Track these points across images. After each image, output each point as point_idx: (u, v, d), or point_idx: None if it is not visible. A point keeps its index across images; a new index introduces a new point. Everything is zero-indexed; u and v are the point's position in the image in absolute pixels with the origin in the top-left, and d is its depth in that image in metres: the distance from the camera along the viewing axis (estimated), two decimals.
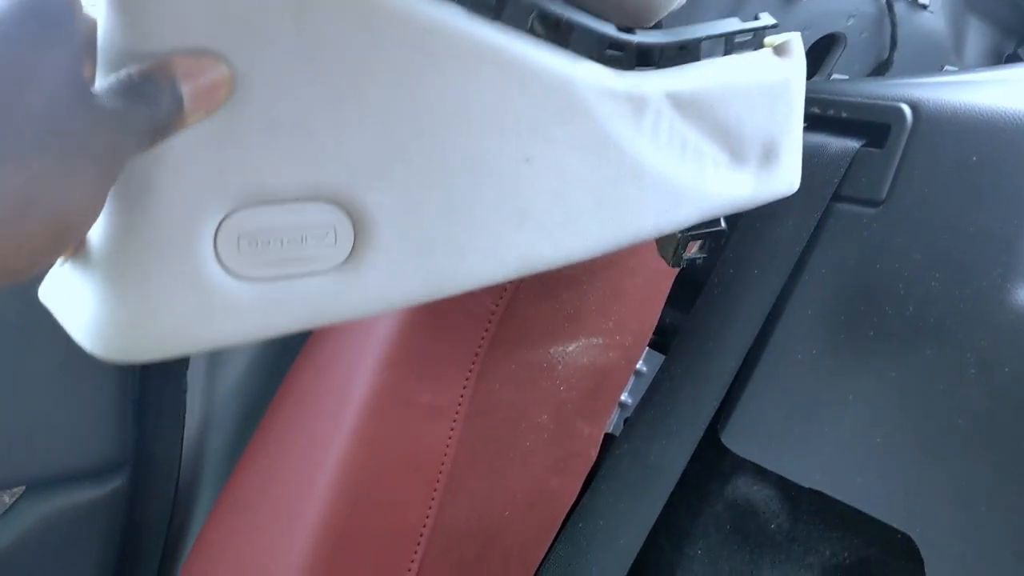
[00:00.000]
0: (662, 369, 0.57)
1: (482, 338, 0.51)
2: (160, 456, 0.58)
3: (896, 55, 0.74)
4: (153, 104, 0.24)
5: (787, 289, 0.53)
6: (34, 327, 0.51)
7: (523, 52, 0.32)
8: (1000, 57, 0.88)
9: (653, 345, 0.60)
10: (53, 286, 0.31)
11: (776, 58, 0.41)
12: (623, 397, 0.59)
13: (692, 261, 0.45)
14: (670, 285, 0.55)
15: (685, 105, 0.38)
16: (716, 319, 0.55)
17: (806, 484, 0.48)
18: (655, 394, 0.57)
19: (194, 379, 0.60)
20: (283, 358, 0.58)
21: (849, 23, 0.69)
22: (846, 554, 0.48)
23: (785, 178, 0.43)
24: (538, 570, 0.56)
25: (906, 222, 0.49)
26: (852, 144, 0.53)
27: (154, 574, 0.59)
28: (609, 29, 0.35)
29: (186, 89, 0.25)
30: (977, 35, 0.83)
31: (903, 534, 0.44)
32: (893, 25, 0.72)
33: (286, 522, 0.52)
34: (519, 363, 0.53)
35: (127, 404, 0.56)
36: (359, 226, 0.30)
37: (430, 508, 0.52)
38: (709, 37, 0.39)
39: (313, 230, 0.30)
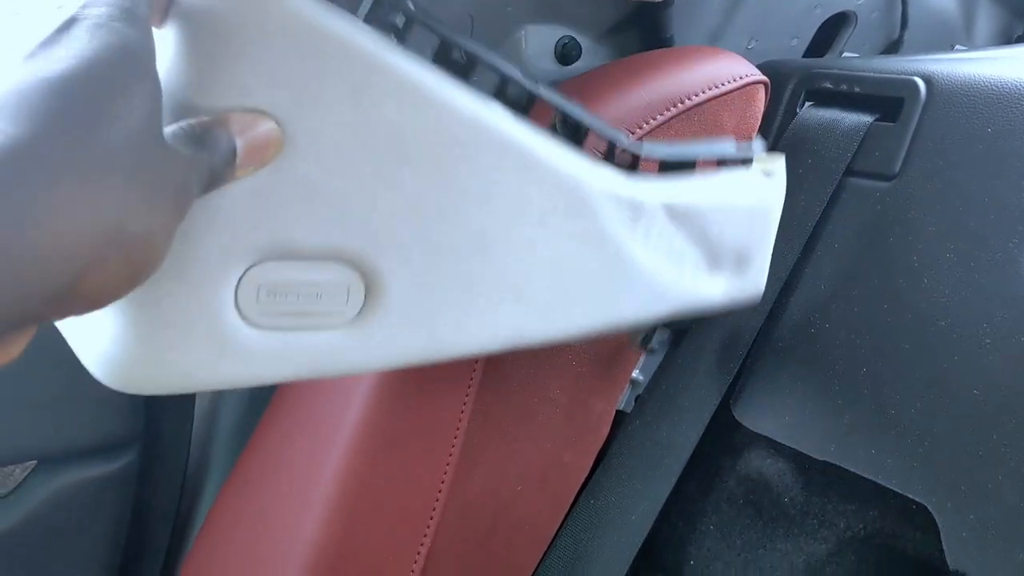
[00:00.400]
0: (673, 345, 0.57)
1: None
2: (170, 434, 0.58)
3: (906, 35, 0.74)
4: (212, 152, 0.26)
5: (800, 264, 0.53)
6: None
7: (545, 151, 0.35)
8: (1010, 38, 0.88)
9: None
10: None
11: (762, 179, 0.46)
12: (635, 374, 0.59)
13: (653, 349, 0.53)
14: None
15: (678, 215, 0.42)
16: None
17: (820, 457, 0.48)
18: (667, 371, 0.57)
19: None
20: None
21: (860, 2, 0.69)
22: (861, 526, 0.48)
23: (753, 285, 0.48)
24: (550, 546, 0.56)
25: (920, 195, 0.49)
26: (865, 119, 0.53)
27: (164, 551, 0.59)
28: (621, 138, 0.39)
29: (240, 143, 0.27)
30: (987, 16, 0.83)
31: (918, 504, 0.44)
32: (904, 5, 0.72)
33: (298, 497, 0.52)
34: None
35: None
36: (371, 289, 0.33)
37: (443, 482, 0.52)
38: (707, 157, 0.43)
39: (328, 288, 0.32)
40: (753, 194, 0.45)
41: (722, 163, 0.45)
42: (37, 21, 0.23)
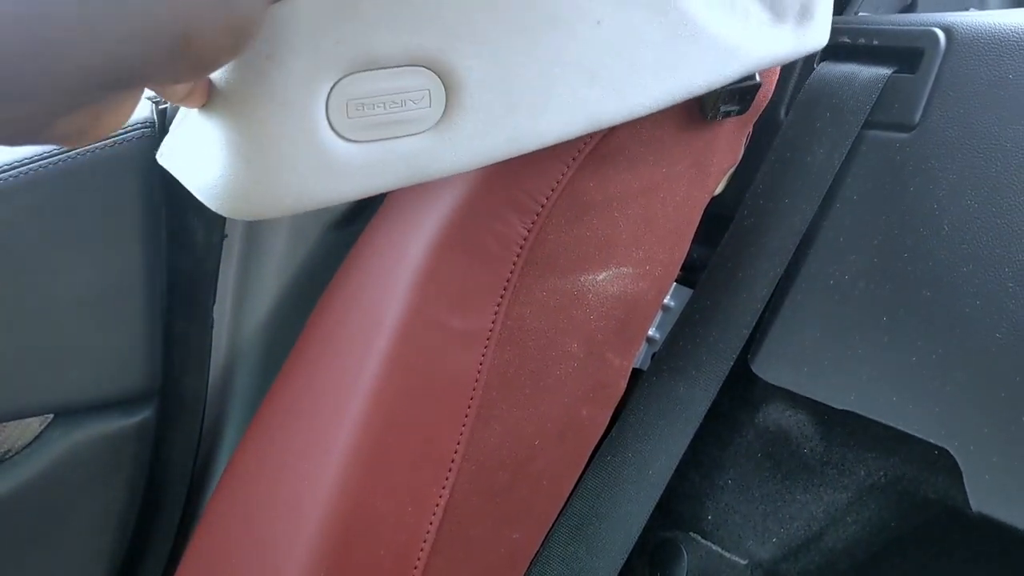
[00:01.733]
0: (691, 302, 0.57)
1: (513, 264, 0.51)
2: (186, 390, 0.58)
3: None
4: None
5: (818, 217, 0.53)
6: (62, 256, 0.51)
7: None
8: (1022, 3, 0.88)
9: (680, 281, 0.60)
10: (173, 149, 0.34)
11: None
12: (651, 332, 0.59)
13: (727, 114, 0.49)
14: (700, 215, 0.55)
15: None
16: (747, 249, 0.55)
17: (840, 407, 0.48)
18: (684, 327, 0.57)
19: (220, 314, 0.60)
20: (311, 290, 0.58)
21: None
22: (881, 473, 0.48)
23: (817, 34, 0.47)
24: (567, 501, 0.56)
25: (940, 144, 0.49)
26: (883, 71, 0.53)
27: (181, 505, 0.59)
28: None
29: None
30: None
31: (940, 449, 0.44)
32: None
33: (316, 450, 0.52)
34: (549, 291, 0.53)
35: (155, 336, 0.56)
36: (451, 88, 0.34)
37: (461, 434, 0.52)
38: None
39: (411, 93, 0.33)
40: None
41: None
42: None
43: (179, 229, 0.54)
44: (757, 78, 0.46)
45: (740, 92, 0.47)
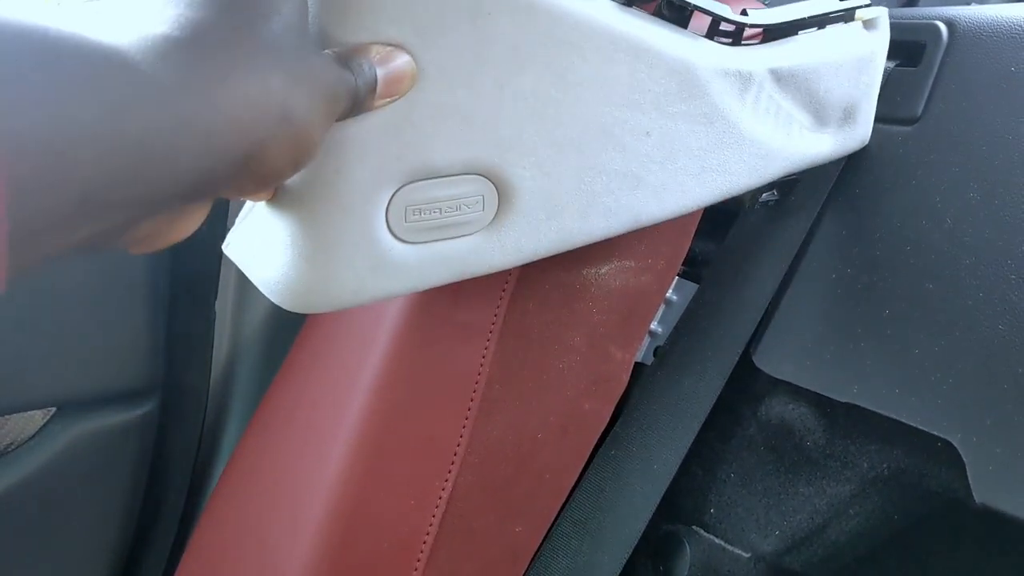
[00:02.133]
0: (696, 297, 0.57)
1: None
2: (189, 384, 0.58)
3: None
4: (357, 74, 0.28)
5: (822, 211, 0.53)
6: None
7: (652, 37, 0.37)
8: None
9: (683, 275, 0.60)
10: (239, 244, 0.36)
11: (865, 32, 0.46)
12: (653, 326, 0.59)
13: (765, 203, 0.51)
14: (703, 211, 0.55)
15: (784, 79, 0.43)
16: (751, 244, 0.55)
17: (843, 399, 0.48)
18: (689, 322, 0.57)
19: (222, 309, 0.60)
20: None
21: None
22: (884, 465, 0.48)
23: (859, 135, 0.49)
24: (570, 495, 0.56)
25: (942, 137, 0.49)
26: (886, 64, 0.53)
27: (183, 500, 0.59)
28: (726, 11, 0.40)
29: (380, 72, 0.29)
30: None
31: (943, 441, 0.44)
32: None
33: (318, 443, 0.52)
34: (552, 283, 0.53)
35: (158, 331, 0.56)
36: (504, 193, 0.36)
37: (463, 428, 0.52)
38: (812, 18, 0.44)
39: (466, 199, 0.35)
40: (857, 47, 0.46)
41: (824, 24, 0.45)
42: None
43: None
44: (796, 174, 0.48)
45: (780, 185, 0.49)
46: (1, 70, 0.17)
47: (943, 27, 0.50)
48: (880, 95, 0.52)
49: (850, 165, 0.53)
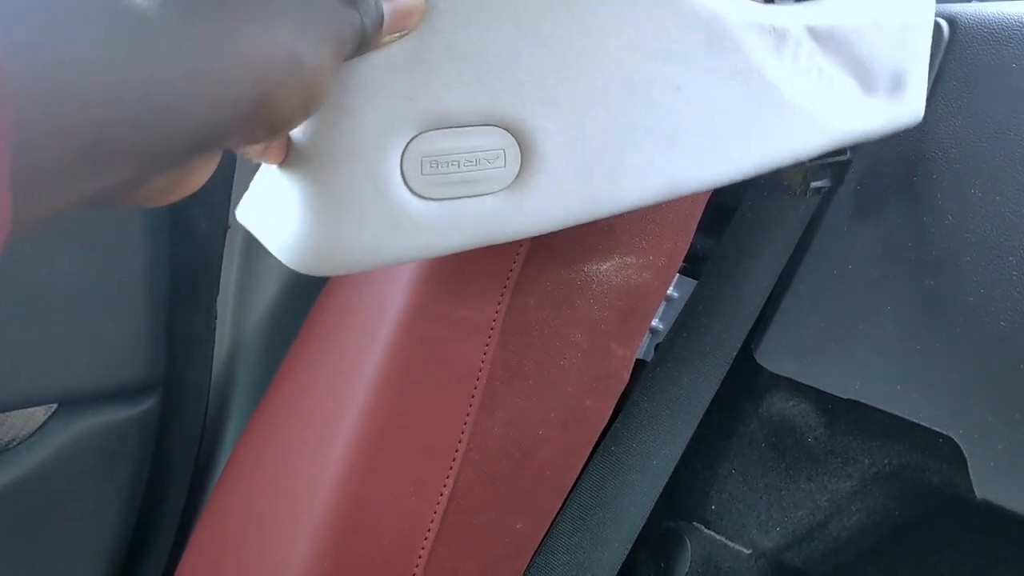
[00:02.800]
0: (695, 293, 0.57)
1: (517, 253, 0.51)
2: (190, 381, 0.58)
3: None
4: (363, 12, 0.27)
5: (822, 207, 0.53)
6: (67, 246, 0.51)
7: None
8: None
9: (684, 272, 0.60)
10: (251, 207, 0.34)
11: None
12: (654, 322, 0.59)
13: (817, 190, 0.47)
14: (704, 206, 0.55)
15: (823, 37, 0.40)
16: (751, 239, 0.55)
17: (844, 396, 0.48)
18: (688, 317, 0.57)
19: (223, 305, 0.60)
20: (314, 280, 0.58)
21: None
22: (886, 462, 0.48)
23: (911, 107, 0.45)
24: (571, 491, 0.56)
25: (944, 134, 0.49)
26: None
27: (185, 495, 0.59)
28: None
29: (387, 8, 0.28)
30: None
31: (944, 437, 0.44)
32: None
33: (319, 439, 0.52)
34: (553, 280, 0.53)
35: (158, 328, 0.56)
36: (526, 149, 0.33)
37: (465, 424, 0.52)
38: None
39: (486, 152, 0.33)
40: (901, 8, 0.43)
41: None
42: None
43: (182, 220, 0.55)
44: (847, 153, 0.44)
45: (832, 167, 0.45)
46: (4, 9, 0.17)
47: (944, 24, 0.50)
48: None
49: (851, 159, 0.53)
